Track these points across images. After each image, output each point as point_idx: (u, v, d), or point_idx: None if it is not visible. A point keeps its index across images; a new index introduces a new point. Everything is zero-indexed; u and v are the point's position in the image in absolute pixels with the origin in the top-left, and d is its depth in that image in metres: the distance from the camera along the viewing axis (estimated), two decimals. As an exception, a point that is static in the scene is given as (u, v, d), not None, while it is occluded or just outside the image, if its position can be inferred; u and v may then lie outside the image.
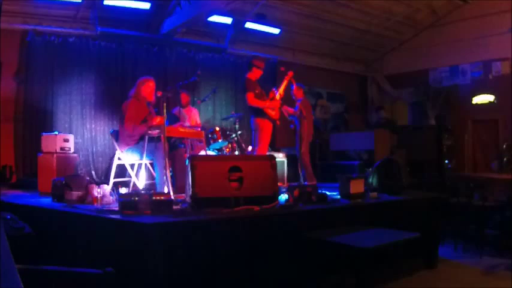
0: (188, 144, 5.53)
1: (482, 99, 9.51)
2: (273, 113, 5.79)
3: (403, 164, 7.16)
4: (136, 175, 4.74)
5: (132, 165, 4.82)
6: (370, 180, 5.12)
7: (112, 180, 4.83)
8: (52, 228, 3.77)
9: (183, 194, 4.31)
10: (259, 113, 5.72)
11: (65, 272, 2.00)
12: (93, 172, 7.07)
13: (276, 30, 8.93)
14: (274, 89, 6.57)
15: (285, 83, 6.09)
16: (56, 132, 5.83)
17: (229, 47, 8.80)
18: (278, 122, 5.90)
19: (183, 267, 3.02)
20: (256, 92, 5.73)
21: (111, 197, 4.21)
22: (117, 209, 3.62)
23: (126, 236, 3.18)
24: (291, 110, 6.68)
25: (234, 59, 8.95)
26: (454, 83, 9.97)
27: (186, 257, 3.04)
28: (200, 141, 5.57)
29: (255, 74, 5.78)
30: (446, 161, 8.96)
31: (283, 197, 4.42)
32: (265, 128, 5.74)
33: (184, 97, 6.71)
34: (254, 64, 5.79)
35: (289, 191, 4.36)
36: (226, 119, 7.80)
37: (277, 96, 5.93)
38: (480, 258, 5.14)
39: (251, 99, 5.65)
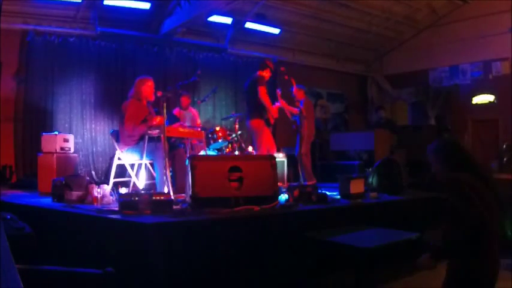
0: (188, 144, 5.53)
1: (482, 99, 9.51)
2: (270, 116, 5.88)
3: (403, 164, 7.16)
4: (136, 175, 4.74)
5: (132, 165, 4.81)
6: (370, 180, 5.12)
7: (112, 180, 4.83)
8: (52, 228, 3.77)
9: (183, 194, 4.31)
10: (258, 114, 5.76)
11: (65, 272, 1.99)
12: (93, 172, 7.07)
13: (276, 30, 8.93)
14: (278, 91, 6.66)
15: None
16: (56, 132, 5.83)
17: (229, 47, 8.79)
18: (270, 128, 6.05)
19: (183, 267, 3.02)
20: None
21: (111, 197, 4.21)
22: (117, 209, 3.62)
23: (126, 236, 3.18)
24: (293, 109, 6.69)
25: (234, 59, 8.95)
26: (454, 83, 9.96)
27: (186, 256, 3.04)
28: (200, 141, 5.57)
29: (266, 74, 5.91)
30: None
31: (283, 197, 4.43)
32: (265, 129, 5.78)
33: (184, 100, 6.70)
34: (268, 65, 5.93)
35: (289, 191, 4.36)
36: (226, 119, 7.80)
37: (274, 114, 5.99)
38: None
39: (263, 93, 5.72)
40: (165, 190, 4.34)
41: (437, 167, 2.45)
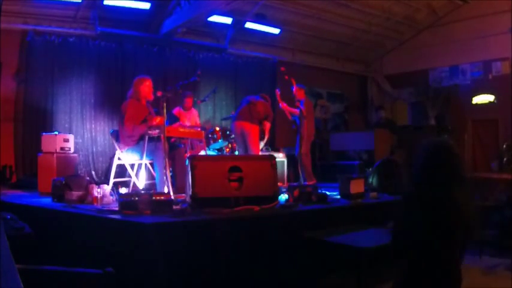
0: (188, 144, 5.53)
1: (482, 99, 9.49)
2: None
3: (403, 164, 7.16)
4: (136, 175, 4.74)
5: (132, 165, 4.82)
6: (370, 180, 5.12)
7: (112, 180, 4.83)
8: (52, 228, 3.77)
9: (183, 194, 4.31)
10: (256, 122, 5.95)
11: (65, 272, 1.99)
12: (93, 172, 7.06)
13: (276, 30, 8.93)
14: (277, 91, 6.73)
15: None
16: (56, 132, 5.83)
17: (229, 47, 8.79)
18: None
19: (183, 267, 3.02)
20: None
21: (111, 197, 4.22)
22: (117, 209, 3.62)
23: (126, 236, 3.18)
24: (293, 110, 6.70)
25: (234, 59, 8.94)
26: (454, 83, 9.95)
27: (185, 256, 3.04)
28: (200, 141, 5.58)
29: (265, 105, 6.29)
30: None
31: (283, 197, 4.43)
32: (257, 135, 5.96)
33: (188, 101, 6.71)
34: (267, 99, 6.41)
35: (289, 191, 4.37)
36: (226, 119, 7.80)
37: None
38: (480, 258, 5.13)
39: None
40: (165, 190, 4.34)
41: (416, 169, 2.25)
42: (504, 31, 8.73)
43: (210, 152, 6.38)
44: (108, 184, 4.63)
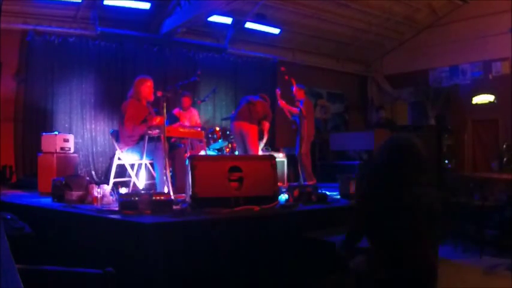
0: (188, 144, 5.53)
1: (482, 99, 9.50)
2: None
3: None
4: (136, 175, 4.74)
5: (132, 165, 4.81)
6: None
7: (112, 180, 4.83)
8: (52, 228, 3.77)
9: (183, 194, 4.31)
10: (255, 123, 5.95)
11: (65, 272, 1.99)
12: (93, 172, 7.07)
13: (276, 30, 8.93)
14: (278, 90, 6.73)
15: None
16: (56, 132, 5.83)
17: (229, 47, 8.79)
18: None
19: (183, 267, 3.02)
20: None
21: (111, 197, 4.22)
22: (117, 209, 3.62)
23: (126, 236, 3.18)
24: (293, 109, 6.70)
25: (234, 59, 8.95)
26: (454, 83, 9.95)
27: (185, 257, 3.04)
28: (200, 141, 5.58)
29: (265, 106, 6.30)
30: (446, 161, 8.95)
31: (283, 197, 4.43)
32: (256, 135, 5.94)
33: (186, 100, 6.71)
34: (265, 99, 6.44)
35: (289, 191, 4.37)
36: (226, 119, 7.80)
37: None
38: (480, 258, 5.13)
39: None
40: (165, 190, 4.34)
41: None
42: (504, 31, 8.73)
43: (210, 152, 6.38)
44: (108, 184, 4.63)
